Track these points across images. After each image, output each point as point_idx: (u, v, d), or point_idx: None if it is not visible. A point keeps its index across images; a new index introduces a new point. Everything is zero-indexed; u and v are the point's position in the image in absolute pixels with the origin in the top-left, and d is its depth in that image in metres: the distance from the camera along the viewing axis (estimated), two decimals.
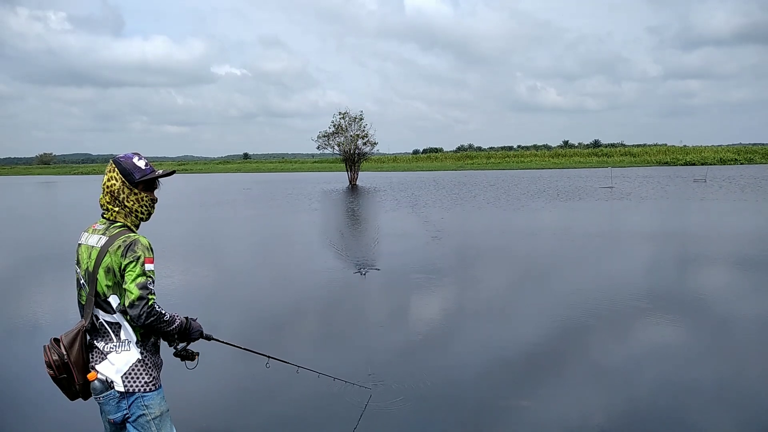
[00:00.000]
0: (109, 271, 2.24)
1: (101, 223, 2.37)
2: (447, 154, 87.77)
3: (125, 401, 2.29)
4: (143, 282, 2.19)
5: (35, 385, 4.61)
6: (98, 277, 2.25)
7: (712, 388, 4.43)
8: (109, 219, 2.36)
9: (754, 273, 8.45)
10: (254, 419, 4.07)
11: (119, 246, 2.23)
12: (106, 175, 2.36)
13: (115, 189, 2.33)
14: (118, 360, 2.29)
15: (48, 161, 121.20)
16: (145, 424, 2.32)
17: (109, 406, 2.31)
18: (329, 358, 5.16)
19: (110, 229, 2.32)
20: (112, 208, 2.34)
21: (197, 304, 7.11)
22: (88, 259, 2.30)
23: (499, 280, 8.55)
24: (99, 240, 2.30)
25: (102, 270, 2.24)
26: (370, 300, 7.43)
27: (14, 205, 28.38)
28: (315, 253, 11.12)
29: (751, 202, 18.87)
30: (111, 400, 2.30)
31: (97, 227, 2.36)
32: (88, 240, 2.35)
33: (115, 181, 2.33)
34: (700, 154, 59.22)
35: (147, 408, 2.31)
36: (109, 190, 2.34)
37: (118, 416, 2.30)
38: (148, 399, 2.32)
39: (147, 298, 2.18)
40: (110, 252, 2.23)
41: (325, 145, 39.68)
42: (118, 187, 2.33)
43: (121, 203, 2.34)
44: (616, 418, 3.96)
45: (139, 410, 2.31)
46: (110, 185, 2.33)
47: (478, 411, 4.10)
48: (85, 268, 2.31)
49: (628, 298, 7.00)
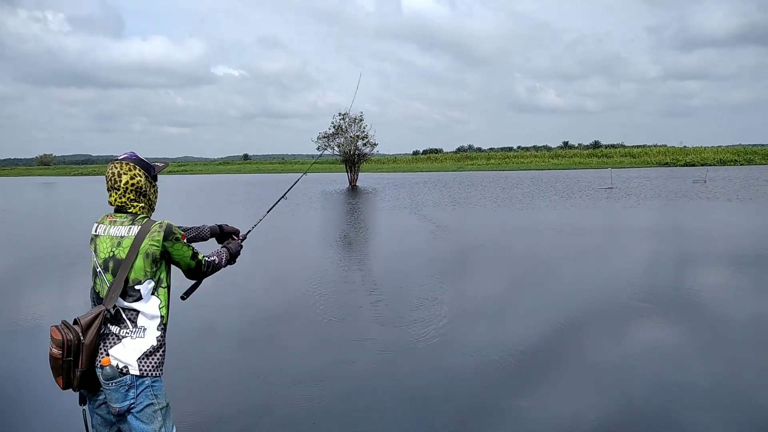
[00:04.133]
0: (148, 255, 2.38)
1: (121, 217, 2.47)
2: (447, 155, 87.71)
3: (134, 390, 2.32)
4: (191, 253, 2.52)
5: (35, 385, 4.62)
6: (134, 264, 2.36)
7: (714, 387, 4.44)
8: (132, 212, 2.48)
9: (751, 272, 8.46)
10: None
11: (158, 231, 2.40)
12: (127, 174, 2.46)
13: (141, 185, 2.48)
14: (132, 345, 2.35)
15: (48, 162, 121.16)
16: (152, 414, 2.35)
17: (118, 394, 2.31)
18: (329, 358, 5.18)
19: (138, 220, 2.44)
20: (137, 204, 2.48)
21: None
22: (117, 247, 2.39)
23: (534, 279, 8.57)
24: (130, 230, 2.41)
25: (141, 256, 2.37)
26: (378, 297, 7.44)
27: (14, 206, 28.40)
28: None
29: (748, 203, 18.88)
30: (121, 388, 2.31)
31: (118, 220, 2.46)
32: (109, 231, 2.44)
33: (140, 177, 2.48)
34: (700, 155, 59.19)
35: (156, 397, 2.36)
36: (134, 187, 2.47)
37: (124, 405, 2.31)
38: (157, 389, 2.37)
39: (199, 260, 2.55)
40: (149, 238, 2.38)
41: (325, 146, 39.66)
42: (144, 183, 2.49)
43: (147, 197, 2.52)
44: (632, 414, 3.98)
45: (148, 399, 2.34)
46: (136, 182, 2.47)
47: (477, 410, 4.12)
48: (106, 257, 2.40)
49: (630, 296, 7.02)
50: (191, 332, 6.03)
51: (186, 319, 6.33)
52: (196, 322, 6.43)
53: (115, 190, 2.46)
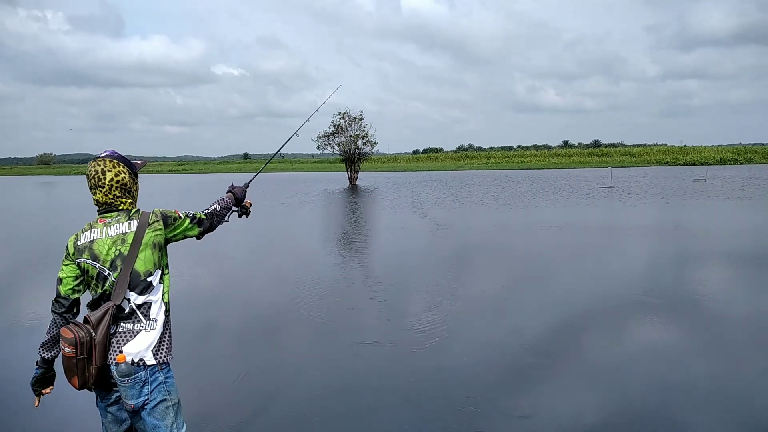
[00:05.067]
0: (155, 246, 2.43)
1: (113, 216, 2.44)
2: (447, 154, 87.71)
3: (148, 386, 2.34)
4: (188, 221, 2.60)
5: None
6: (141, 257, 2.38)
7: (714, 386, 4.43)
8: (122, 209, 2.47)
9: (750, 271, 8.45)
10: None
11: (157, 221, 2.46)
12: (111, 172, 2.44)
13: (126, 182, 2.48)
14: (148, 338, 2.37)
15: (48, 161, 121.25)
16: (164, 411, 2.37)
17: (133, 390, 2.32)
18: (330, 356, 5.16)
19: (132, 215, 2.46)
20: (124, 200, 2.48)
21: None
22: (122, 245, 2.38)
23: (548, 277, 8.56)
24: (130, 225, 2.42)
25: (147, 248, 2.40)
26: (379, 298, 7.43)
27: (13, 205, 28.39)
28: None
29: (748, 202, 18.88)
30: (136, 384, 2.32)
31: (112, 220, 2.43)
32: (107, 233, 2.40)
33: (125, 174, 2.48)
34: (700, 154, 59.17)
35: (169, 393, 2.40)
36: (119, 184, 2.46)
37: (139, 401, 2.33)
38: (170, 385, 2.41)
39: (200, 219, 2.65)
40: (150, 230, 2.43)
41: (325, 145, 39.66)
42: (128, 180, 2.50)
43: (131, 194, 2.52)
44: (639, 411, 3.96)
45: (161, 395, 2.37)
46: (121, 179, 2.46)
47: (478, 410, 4.10)
48: (113, 257, 2.37)
49: (634, 294, 7.01)
50: (191, 329, 6.02)
51: (187, 316, 6.32)
52: (197, 318, 6.42)
53: (99, 188, 2.43)
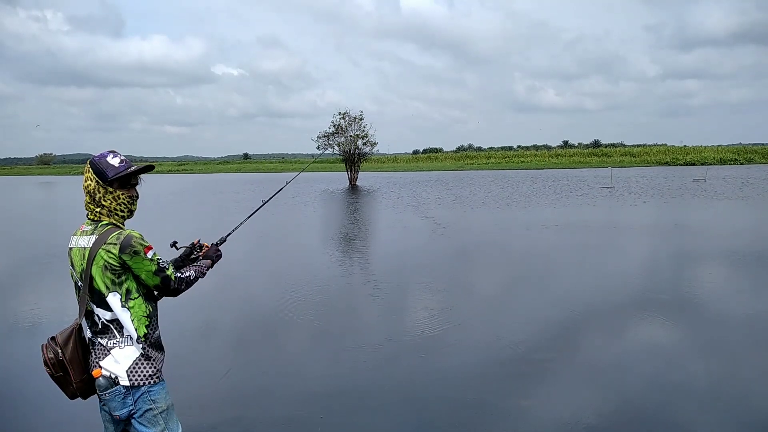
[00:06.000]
0: (106, 268, 2.26)
1: (88, 224, 2.36)
2: (447, 154, 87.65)
3: (131, 397, 2.31)
4: (155, 268, 2.32)
5: (35, 385, 4.60)
6: (94, 276, 2.26)
7: (714, 386, 4.43)
8: (94, 219, 2.35)
9: (749, 270, 8.45)
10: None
11: (113, 243, 2.25)
12: (84, 176, 2.37)
13: (91, 189, 2.32)
14: (121, 355, 2.31)
15: (48, 161, 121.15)
16: (153, 419, 2.34)
17: (115, 402, 2.31)
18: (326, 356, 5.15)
19: (98, 228, 2.31)
20: (93, 208, 2.34)
21: None
22: (82, 260, 2.29)
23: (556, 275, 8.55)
24: (89, 240, 2.29)
25: (98, 268, 2.26)
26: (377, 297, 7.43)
27: (12, 205, 28.37)
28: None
29: (748, 201, 18.87)
30: (117, 396, 2.30)
31: (85, 229, 2.35)
32: (78, 242, 2.34)
33: (90, 181, 2.33)
34: (700, 154, 59.11)
35: (154, 402, 2.35)
36: (87, 191, 2.34)
37: (123, 412, 2.31)
38: (155, 393, 2.35)
39: (166, 276, 2.35)
40: (104, 249, 2.24)
41: (325, 146, 39.65)
42: (94, 187, 2.32)
43: (98, 203, 2.33)
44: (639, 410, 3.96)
45: (146, 405, 2.33)
46: (86, 186, 2.34)
47: (477, 410, 4.10)
48: (80, 271, 2.31)
49: (635, 292, 7.01)
50: (189, 329, 6.02)
51: (184, 316, 6.32)
52: (195, 318, 6.41)
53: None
